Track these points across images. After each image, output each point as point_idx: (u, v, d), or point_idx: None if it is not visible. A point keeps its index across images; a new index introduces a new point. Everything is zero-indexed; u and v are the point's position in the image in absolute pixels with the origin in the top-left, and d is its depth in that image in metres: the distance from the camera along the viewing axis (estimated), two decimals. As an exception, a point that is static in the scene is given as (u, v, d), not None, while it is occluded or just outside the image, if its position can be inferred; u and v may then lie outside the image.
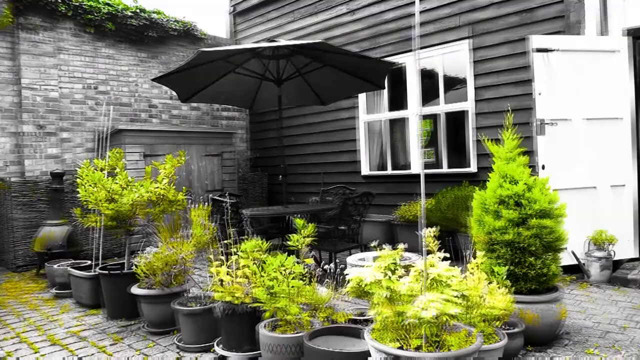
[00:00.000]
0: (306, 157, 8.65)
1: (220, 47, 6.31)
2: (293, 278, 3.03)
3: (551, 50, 5.08)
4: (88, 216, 4.69)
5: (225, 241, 3.61)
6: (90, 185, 4.38)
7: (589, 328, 3.75)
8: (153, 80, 5.74)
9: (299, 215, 4.67)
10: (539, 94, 5.01)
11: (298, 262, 3.12)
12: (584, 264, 5.08)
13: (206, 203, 4.44)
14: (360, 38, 7.73)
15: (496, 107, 6.05)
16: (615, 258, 5.14)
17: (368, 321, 3.04)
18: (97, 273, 4.54)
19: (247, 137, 9.83)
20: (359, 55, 5.89)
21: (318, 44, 5.45)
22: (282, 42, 5.48)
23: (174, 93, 8.02)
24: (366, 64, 5.71)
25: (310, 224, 3.34)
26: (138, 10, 8.11)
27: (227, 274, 3.29)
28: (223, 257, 3.42)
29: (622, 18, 5.48)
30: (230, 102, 7.02)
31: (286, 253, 3.15)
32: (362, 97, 7.78)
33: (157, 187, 4.45)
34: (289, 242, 3.32)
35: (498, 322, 2.96)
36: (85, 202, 4.43)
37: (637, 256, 5.41)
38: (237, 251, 3.35)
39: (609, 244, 5.03)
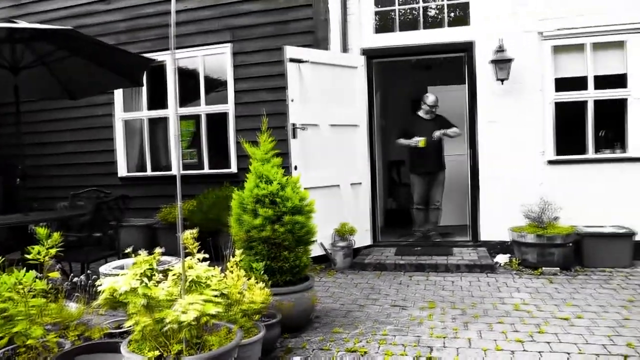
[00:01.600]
0: (53, 158, 7.68)
1: None
2: (34, 296, 2.66)
3: (303, 61, 5.57)
4: None
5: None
6: None
7: (336, 310, 4.24)
8: None
9: (45, 224, 4.12)
10: (292, 100, 5.45)
11: (40, 278, 2.75)
12: (330, 253, 5.72)
13: None
14: (117, 30, 7.21)
15: (255, 110, 6.33)
16: (356, 246, 5.93)
17: (128, 333, 2.86)
18: None
19: (-27, 133, 8.22)
20: (115, 48, 5.47)
21: (65, 30, 4.87)
22: (22, 23, 4.74)
23: None
24: (123, 58, 5.35)
25: (56, 232, 2.98)
26: None
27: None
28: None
29: (359, 39, 6.35)
30: (-53, 89, 5.76)
31: (25, 268, 2.74)
32: (118, 94, 7.28)
33: None
34: (29, 255, 2.90)
35: (258, 315, 3.10)
36: None
37: (372, 243, 6.35)
38: (-43, 271, 2.78)
39: (350, 235, 5.77)
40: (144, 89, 7.06)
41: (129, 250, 2.40)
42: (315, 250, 5.06)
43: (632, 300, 4.20)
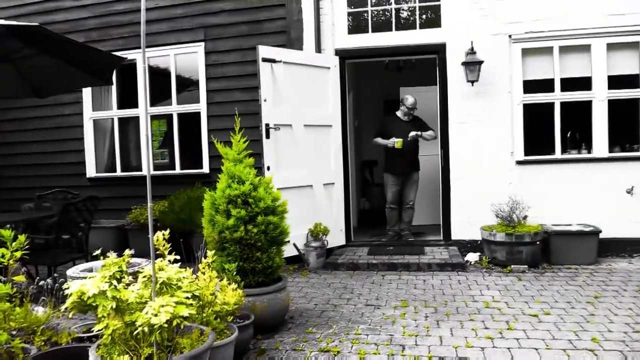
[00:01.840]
0: (18, 158, 7.47)
1: None
2: (-2, 300, 2.59)
3: (276, 61, 5.55)
4: None
5: None
6: None
7: (310, 310, 4.24)
8: None
9: (10, 226, 4.00)
10: (265, 100, 5.42)
11: (5, 281, 2.68)
12: (304, 253, 5.71)
13: None
14: (87, 27, 7.07)
15: (228, 110, 6.28)
16: (329, 246, 5.94)
17: (97, 337, 2.80)
18: None
19: None
20: (85, 46, 5.35)
21: (33, 27, 4.74)
22: (-14, 20, 4.60)
23: None
24: (93, 56, 5.22)
25: (22, 234, 2.90)
26: None
27: None
28: None
29: (332, 39, 6.36)
30: None
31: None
32: (87, 92, 7.13)
33: None
34: (-7, 259, 2.81)
35: (230, 317, 3.08)
36: None
37: (345, 243, 6.37)
38: None
39: (323, 235, 5.78)
40: (114, 87, 6.94)
41: (97, 252, 2.35)
42: (289, 251, 5.04)
43: (597, 296, 4.32)
